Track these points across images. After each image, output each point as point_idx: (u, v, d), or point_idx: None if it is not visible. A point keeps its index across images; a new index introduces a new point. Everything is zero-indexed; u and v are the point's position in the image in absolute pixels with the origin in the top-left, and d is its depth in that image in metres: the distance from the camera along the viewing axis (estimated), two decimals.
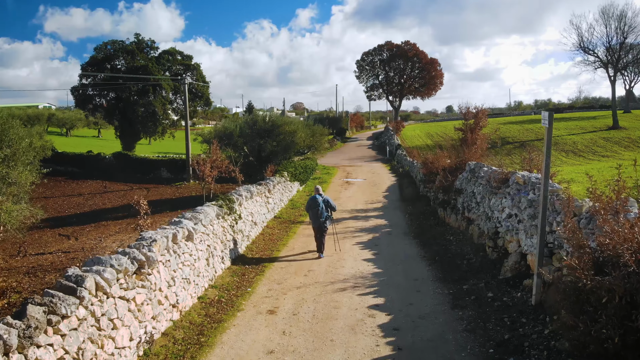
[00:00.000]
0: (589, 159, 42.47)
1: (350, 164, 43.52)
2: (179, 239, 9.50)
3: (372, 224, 18.10)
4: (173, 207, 30.03)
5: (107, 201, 33.46)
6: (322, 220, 13.90)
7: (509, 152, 47.81)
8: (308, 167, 30.85)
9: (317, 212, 13.88)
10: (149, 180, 41.79)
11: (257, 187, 17.48)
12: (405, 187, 26.81)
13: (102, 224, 25.53)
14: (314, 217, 13.98)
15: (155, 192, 36.51)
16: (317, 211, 13.88)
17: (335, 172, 36.80)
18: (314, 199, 14.08)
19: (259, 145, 30.79)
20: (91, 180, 41.44)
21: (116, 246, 19.57)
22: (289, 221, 18.58)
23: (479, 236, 14.08)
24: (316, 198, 14.06)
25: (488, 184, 14.61)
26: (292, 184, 25.42)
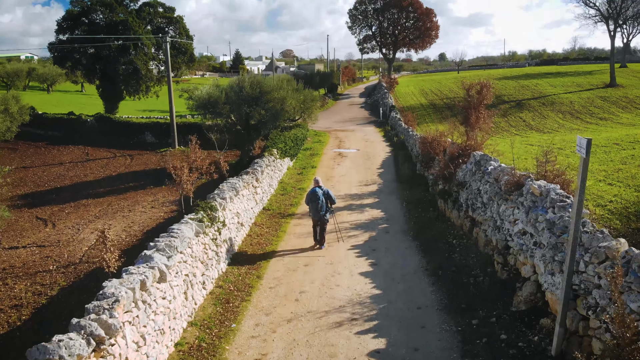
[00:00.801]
0: (587, 121, 41.09)
1: (343, 127, 41.82)
2: (149, 285, 8.11)
3: (367, 216, 16.80)
4: (157, 180, 28.50)
5: (88, 171, 31.83)
6: (322, 214, 13.74)
7: (505, 112, 46.22)
8: (298, 138, 29.22)
9: (317, 206, 13.68)
10: (132, 145, 39.96)
11: (244, 181, 15.99)
12: (400, 162, 25.39)
13: (82, 204, 24.08)
14: (314, 210, 13.75)
15: (138, 160, 34.87)
16: (317, 205, 13.67)
17: (327, 139, 35.17)
18: (314, 192, 13.75)
19: (246, 113, 28.95)
20: (73, 146, 39.53)
21: (94, 238, 18.23)
22: (279, 214, 17.20)
23: (486, 244, 12.85)
24: (316, 192, 13.76)
25: (496, 184, 13.25)
26: (282, 161, 23.91)
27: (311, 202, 13.83)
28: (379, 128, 40.80)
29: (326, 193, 13.86)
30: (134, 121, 40.86)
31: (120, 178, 29.90)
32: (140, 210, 21.71)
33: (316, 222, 13.89)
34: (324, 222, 13.85)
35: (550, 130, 37.75)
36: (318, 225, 13.94)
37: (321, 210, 13.69)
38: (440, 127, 42.16)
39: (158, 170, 31.20)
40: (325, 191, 13.88)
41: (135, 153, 37.19)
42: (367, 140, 34.52)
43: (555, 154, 12.89)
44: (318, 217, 13.75)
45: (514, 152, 20.48)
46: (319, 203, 13.65)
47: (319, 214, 13.70)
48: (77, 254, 16.56)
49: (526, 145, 26.63)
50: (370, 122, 45.41)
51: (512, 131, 38.57)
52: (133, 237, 17.71)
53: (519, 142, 29.78)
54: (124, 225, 19.53)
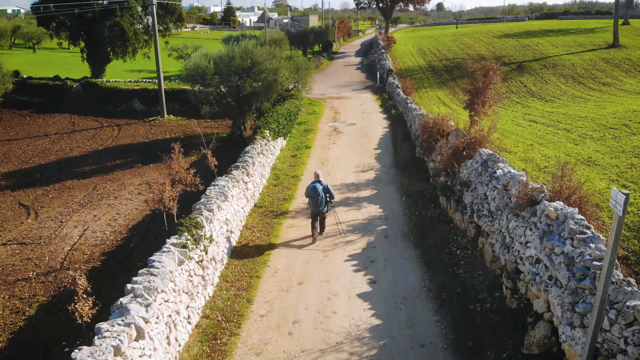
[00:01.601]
0: (590, 87, 39.63)
1: (338, 94, 40.21)
2: (125, 348, 7.15)
3: (365, 215, 15.79)
4: (145, 156, 27.30)
5: (74, 145, 30.50)
6: (321, 209, 13.98)
7: (506, 76, 44.49)
8: (292, 113, 27.80)
9: (317, 201, 13.84)
10: (120, 113, 38.43)
11: (233, 179, 14.85)
12: (399, 142, 24.18)
13: (66, 186, 22.97)
14: (314, 205, 13.91)
15: (126, 131, 33.47)
16: (316, 200, 13.83)
17: (322, 110, 33.69)
18: (314, 188, 13.83)
19: (237, 86, 27.42)
20: (59, 114, 37.96)
21: (77, 234, 17.22)
22: (272, 212, 16.13)
23: (493, 261, 11.94)
24: (316, 187, 13.84)
25: (505, 194, 12.20)
26: (275, 143, 22.65)
27: (311, 197, 13.89)
28: (376, 95, 39.23)
29: (325, 188, 13.97)
30: (122, 87, 39.09)
31: (107, 153, 28.62)
32: (126, 197, 20.64)
33: (315, 216, 14.04)
34: (323, 215, 14.23)
35: (552, 97, 36.34)
36: (317, 218, 14.16)
37: (320, 205, 13.87)
38: (438, 93, 40.76)
39: (146, 145, 29.91)
40: (325, 186, 13.98)
41: (122, 122, 35.71)
42: (363, 111, 33.08)
43: (571, 165, 11.75)
44: (317, 212, 13.96)
45: (518, 143, 19.34)
46: (319, 199, 13.78)
47: (317, 208, 13.89)
48: (58, 255, 15.59)
49: (529, 122, 25.39)
50: (366, 87, 43.72)
51: (513, 98, 37.14)
52: (117, 235, 16.73)
53: (521, 115, 28.51)
54: (109, 217, 18.50)
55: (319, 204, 13.84)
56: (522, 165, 16.96)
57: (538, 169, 16.37)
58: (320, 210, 13.95)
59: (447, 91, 41.12)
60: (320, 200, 13.80)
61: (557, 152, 18.11)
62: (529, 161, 17.34)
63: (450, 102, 36.98)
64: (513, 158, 17.93)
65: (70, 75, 47.35)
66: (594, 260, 8.24)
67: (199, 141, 30.55)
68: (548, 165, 16.58)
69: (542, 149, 18.87)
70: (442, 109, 33.95)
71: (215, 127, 33.56)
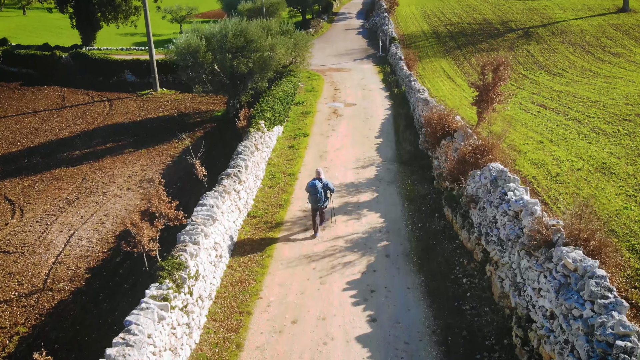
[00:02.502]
0: (599, 58, 37.71)
1: (338, 65, 38.36)
2: None
3: (365, 226, 14.75)
4: (136, 139, 26.09)
5: (64, 124, 29.22)
6: (320, 205, 14.21)
7: (512, 43, 42.51)
8: (289, 95, 26.28)
9: (316, 198, 14.02)
10: (111, 85, 36.81)
11: (224, 191, 13.71)
12: (401, 130, 22.83)
13: (54, 175, 21.95)
14: (313, 201, 14.13)
15: (117, 107, 32.03)
16: (316, 197, 14.01)
17: (321, 86, 32.04)
18: (314, 185, 13.96)
19: (231, 65, 25.85)
20: (48, 88, 36.36)
21: (62, 241, 16.24)
22: (266, 224, 15.04)
23: (501, 297, 10.99)
24: (316, 185, 13.95)
25: (518, 224, 11.14)
26: (271, 133, 21.33)
27: (310, 194, 14.10)
28: (378, 66, 37.39)
29: (325, 185, 14.15)
30: (113, 58, 37.25)
31: (97, 134, 27.35)
32: (115, 192, 19.56)
33: (315, 211, 14.30)
34: (322, 210, 14.57)
35: (561, 70, 34.55)
36: (317, 213, 14.43)
37: (319, 201, 14.09)
38: (443, 64, 38.87)
39: (138, 125, 28.56)
40: (325, 183, 14.15)
41: (114, 97, 34.20)
42: (364, 87, 31.44)
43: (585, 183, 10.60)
44: (316, 207, 14.21)
45: (527, 139, 18.01)
46: (318, 196, 13.97)
47: (316, 204, 14.13)
48: (42, 269, 14.67)
49: (538, 108, 23.92)
50: (368, 55, 41.73)
51: (520, 71, 35.34)
52: (104, 244, 15.77)
53: (529, 96, 27.00)
54: (96, 219, 17.49)
55: (317, 200, 14.01)
56: (533, 172, 15.78)
57: (549, 177, 15.21)
58: (318, 206, 14.17)
59: (452, 61, 39.22)
60: (319, 197, 13.99)
61: (569, 154, 16.87)
62: (539, 165, 16.14)
63: (455, 74, 35.22)
64: (522, 161, 16.73)
65: (60, 42, 45.36)
66: (618, 337, 7.27)
67: (193, 120, 29.27)
68: (560, 172, 15.40)
69: (553, 148, 17.61)
70: (447, 84, 32.31)
71: (210, 102, 32.06)
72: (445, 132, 17.88)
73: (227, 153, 22.44)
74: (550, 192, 14.16)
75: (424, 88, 25.30)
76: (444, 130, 17.90)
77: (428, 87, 31.88)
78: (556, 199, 13.74)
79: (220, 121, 28.31)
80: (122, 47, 43.57)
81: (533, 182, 14.94)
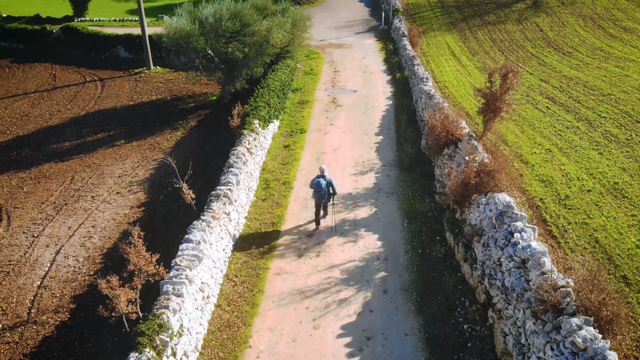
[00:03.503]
0: (610, 34, 35.79)
1: (338, 39, 36.60)
2: None
3: (362, 250, 13.95)
4: (128, 128, 25.10)
5: (54, 109, 28.15)
6: (324, 201, 14.85)
7: (520, 15, 40.44)
8: (286, 84, 24.90)
9: (320, 195, 14.59)
10: (104, 62, 35.36)
11: (213, 220, 12.83)
12: (402, 126, 21.66)
13: (43, 173, 21.12)
14: (317, 197, 14.70)
15: (110, 89, 30.75)
16: (320, 194, 14.58)
17: (320, 67, 30.52)
18: (319, 183, 14.46)
19: (225, 51, 24.47)
20: (39, 65, 34.93)
21: (49, 258, 15.49)
22: (258, 249, 14.20)
23: (504, 353, 10.29)
24: (320, 183, 14.45)
25: (524, 272, 10.31)
26: (266, 131, 20.20)
27: (315, 191, 14.62)
28: (380, 42, 35.63)
29: (329, 183, 14.62)
30: (105, 33, 35.56)
31: (87, 121, 26.29)
32: (104, 198, 18.71)
33: (318, 206, 14.97)
34: (326, 205, 15.35)
35: (570, 49, 32.80)
36: (320, 207, 15.09)
37: (323, 198, 14.69)
38: (448, 39, 37.03)
39: (129, 110, 27.41)
40: (328, 181, 14.61)
41: (106, 76, 32.82)
42: (365, 69, 29.93)
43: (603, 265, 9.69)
44: (320, 203, 14.85)
45: (535, 146, 16.86)
46: (322, 193, 14.52)
47: (321, 200, 14.75)
48: (27, 295, 14.00)
49: (547, 102, 22.59)
50: (370, 28, 39.80)
51: (527, 48, 33.62)
52: (91, 265, 15.04)
53: (537, 84, 25.57)
54: (84, 232, 16.71)
55: (322, 197, 14.61)
56: (541, 191, 14.80)
57: (558, 200, 14.25)
58: (322, 202, 14.83)
59: (458, 36, 37.35)
60: (323, 194, 14.54)
61: (579, 169, 15.83)
62: (547, 184, 15.14)
63: (460, 52, 33.52)
64: (530, 176, 15.72)
65: (52, 11, 43.39)
66: None
67: (187, 106, 28.00)
68: (570, 194, 14.41)
69: (562, 160, 16.55)
70: (452, 65, 30.74)
71: (205, 84, 30.69)
72: (449, 141, 16.79)
73: (221, 150, 21.44)
74: (558, 221, 13.23)
75: (428, 75, 23.89)
76: (447, 139, 16.79)
77: (432, 67, 30.38)
78: (565, 230, 12.84)
79: (215, 107, 27.09)
80: (115, 18, 41.59)
81: (541, 207, 13.99)
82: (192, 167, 20.53)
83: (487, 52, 33.29)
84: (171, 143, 23.14)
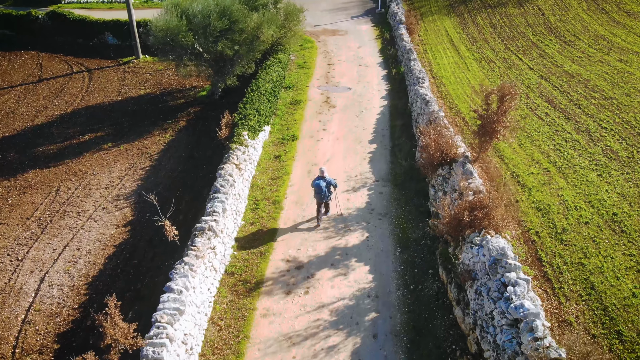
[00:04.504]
0: (614, 19, 34.41)
1: (333, 25, 35.28)
2: None
3: (352, 285, 13.50)
4: (115, 129, 24.30)
5: (40, 104, 27.40)
6: (324, 200, 15.57)
7: None
8: (277, 84, 23.93)
9: (321, 194, 15.31)
10: (92, 49, 34.16)
11: (196, 257, 12.32)
12: (397, 133, 20.90)
13: (28, 182, 20.62)
14: (318, 197, 15.45)
15: (97, 81, 29.78)
16: (320, 195, 15.31)
17: (313, 60, 29.41)
18: (319, 185, 15.17)
19: (215, 50, 23.49)
20: (25, 53, 33.79)
21: (33, 287, 15.04)
22: (245, 285, 13.68)
23: None
24: (320, 185, 15.17)
25: (516, 334, 9.92)
26: (257, 141, 19.46)
27: (316, 192, 15.34)
28: (377, 29, 34.33)
29: (328, 183, 15.38)
30: (92, 19, 34.16)
31: (74, 119, 25.53)
32: (90, 214, 18.16)
33: (319, 204, 15.69)
34: (327, 202, 15.98)
35: (573, 37, 31.59)
36: (322, 204, 15.80)
37: (324, 198, 15.44)
38: (447, 24, 35.69)
39: (117, 106, 26.50)
40: (328, 181, 15.36)
41: (94, 66, 31.74)
42: (360, 62, 28.85)
43: None
44: (321, 201, 15.58)
45: (532, 163, 16.18)
46: (322, 193, 15.27)
47: (322, 200, 15.50)
48: (11, 330, 13.61)
49: (547, 106, 21.74)
50: (367, 12, 38.33)
51: (528, 35, 32.39)
52: (75, 296, 14.61)
53: (536, 81, 24.63)
54: (69, 255, 16.22)
55: (322, 197, 15.35)
56: (537, 222, 14.27)
57: (554, 234, 13.74)
58: (323, 201, 15.54)
59: (457, 21, 35.97)
60: (323, 194, 15.30)
61: (577, 195, 15.23)
62: (544, 213, 14.58)
63: (459, 40, 32.31)
64: (527, 203, 15.14)
65: None
66: None
67: (177, 102, 27.05)
68: (567, 226, 13.88)
69: (560, 183, 15.93)
70: (450, 55, 29.64)
71: (195, 77, 29.55)
72: (443, 161, 16.14)
73: (210, 157, 20.76)
74: (554, 260, 12.76)
75: (424, 75, 22.96)
76: (441, 158, 16.14)
77: (429, 59, 29.33)
78: (560, 272, 12.38)
79: (205, 104, 26.19)
80: (103, 0, 39.92)
81: (536, 242, 13.49)
82: (180, 173, 19.99)
83: (486, 40, 32.09)
84: (159, 147, 22.39)
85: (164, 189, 19.11)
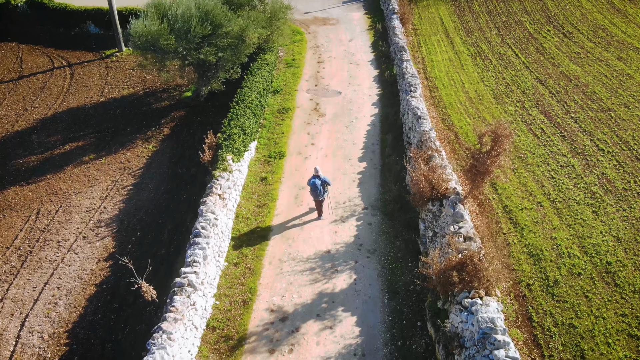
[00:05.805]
0: (613, 4, 32.90)
1: (324, 13, 33.54)
2: None
3: (339, 340, 12.94)
4: (97, 137, 23.34)
5: (20, 107, 26.14)
6: (319, 198, 16.29)
7: None
8: (263, 92, 22.69)
9: (316, 193, 16.05)
10: (74, 39, 32.54)
11: (172, 333, 11.70)
12: (388, 153, 19.97)
13: (8, 202, 20.15)
14: (315, 196, 16.20)
15: (79, 79, 28.46)
16: (316, 193, 16.04)
17: (303, 57, 27.98)
18: (314, 184, 15.84)
19: (198, 57, 22.22)
20: (5, 46, 32.31)
21: (13, 332, 14.47)
22: (227, 344, 13.06)
23: None
24: (315, 183, 15.82)
25: None
26: (241, 163, 18.53)
27: (312, 190, 16.07)
28: (369, 19, 32.64)
29: (323, 181, 16.02)
30: (73, 7, 32.31)
31: (54, 126, 24.51)
32: (70, 243, 17.44)
33: (316, 202, 16.61)
34: (321, 202, 16.58)
35: (572, 27, 30.13)
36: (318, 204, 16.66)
37: (319, 196, 16.17)
38: (442, 11, 33.97)
39: (100, 109, 25.29)
40: (323, 179, 16.01)
41: (76, 59, 30.30)
42: (351, 60, 27.46)
43: None
44: (317, 198, 16.29)
45: (526, 196, 15.40)
46: (317, 191, 15.98)
47: (318, 197, 16.24)
48: None
49: (542, 119, 20.75)
50: None
51: (526, 25, 30.90)
52: (56, 346, 14.10)
53: (531, 83, 23.52)
54: (49, 296, 15.59)
55: (318, 195, 16.10)
56: (528, 271, 13.65)
57: (546, 287, 13.14)
58: (318, 197, 16.22)
59: (452, 7, 34.23)
60: (319, 192, 16.00)
61: (571, 238, 14.55)
62: (536, 260, 13.95)
63: (455, 31, 30.78)
64: (518, 247, 14.47)
65: None
66: None
67: (161, 105, 25.80)
68: (559, 278, 13.27)
69: (553, 221, 15.23)
70: (445, 50, 28.26)
71: (179, 76, 28.17)
72: (434, 196, 15.36)
73: (195, 175, 19.90)
74: (545, 321, 12.23)
75: (417, 81, 21.80)
76: (432, 194, 15.35)
77: (423, 54, 28.02)
78: (550, 335, 11.87)
79: (190, 107, 25.02)
80: None
81: (527, 297, 12.91)
82: (163, 194, 19.16)
83: (482, 31, 30.60)
84: (142, 161, 21.42)
85: (146, 215, 18.32)
